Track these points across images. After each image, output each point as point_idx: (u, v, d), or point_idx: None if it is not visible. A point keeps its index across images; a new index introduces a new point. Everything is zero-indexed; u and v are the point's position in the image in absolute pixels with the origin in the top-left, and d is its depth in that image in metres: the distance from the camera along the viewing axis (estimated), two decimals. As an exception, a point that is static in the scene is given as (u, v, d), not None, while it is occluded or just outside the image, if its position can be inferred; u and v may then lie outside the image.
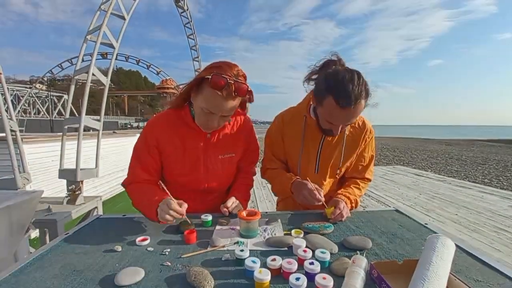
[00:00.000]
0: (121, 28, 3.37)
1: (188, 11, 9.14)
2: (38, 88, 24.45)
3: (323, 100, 0.89)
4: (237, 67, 0.89)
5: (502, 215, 3.56)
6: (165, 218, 0.81)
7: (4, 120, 2.26)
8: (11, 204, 1.16)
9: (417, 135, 42.45)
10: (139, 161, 1.01)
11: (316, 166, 1.12)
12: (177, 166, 1.01)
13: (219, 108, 0.86)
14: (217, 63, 0.88)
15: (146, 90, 72.52)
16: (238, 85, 0.84)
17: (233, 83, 0.82)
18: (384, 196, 4.59)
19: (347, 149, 1.09)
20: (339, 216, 0.94)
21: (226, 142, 1.05)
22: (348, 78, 0.84)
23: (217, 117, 0.90)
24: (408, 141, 24.03)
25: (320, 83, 0.92)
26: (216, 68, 0.85)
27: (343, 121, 0.91)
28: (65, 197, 2.62)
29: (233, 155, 1.08)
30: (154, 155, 1.00)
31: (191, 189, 1.06)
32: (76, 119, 2.90)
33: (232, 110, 0.91)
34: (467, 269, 0.66)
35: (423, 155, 13.26)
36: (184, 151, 1.00)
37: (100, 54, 8.33)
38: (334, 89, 0.85)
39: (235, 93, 0.84)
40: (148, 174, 1.01)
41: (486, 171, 8.62)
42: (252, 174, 1.21)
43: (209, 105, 0.86)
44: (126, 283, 0.59)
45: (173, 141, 0.99)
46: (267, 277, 0.57)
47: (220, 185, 1.09)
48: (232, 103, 0.87)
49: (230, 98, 0.85)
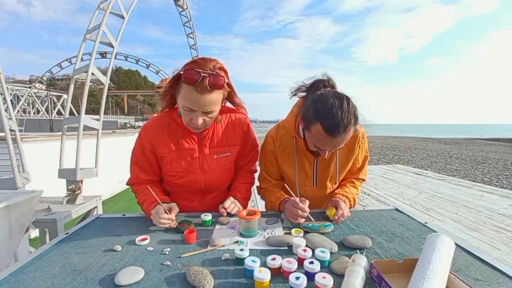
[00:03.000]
0: (120, 27, 3.36)
1: (187, 10, 9.12)
2: (37, 87, 24.40)
3: (310, 125, 0.87)
4: (214, 61, 0.87)
5: (502, 214, 3.57)
6: (158, 226, 0.88)
7: (3, 120, 2.25)
8: (10, 204, 1.16)
9: (417, 134, 42.48)
10: (137, 164, 1.04)
11: (314, 181, 1.12)
12: (173, 168, 1.02)
13: (197, 103, 0.84)
14: (194, 59, 0.88)
15: (145, 90, 72.41)
16: (213, 77, 0.82)
17: (207, 76, 0.81)
18: (384, 195, 4.59)
19: (342, 160, 1.10)
20: (341, 217, 0.94)
21: (220, 141, 1.05)
22: (337, 106, 0.81)
23: (199, 114, 0.87)
24: (407, 140, 24.05)
25: (308, 108, 0.88)
26: (191, 64, 0.85)
27: (331, 147, 0.89)
28: (65, 196, 2.62)
29: (229, 154, 1.07)
30: (150, 159, 1.03)
31: (189, 190, 1.07)
32: (75, 118, 2.89)
33: (214, 105, 0.88)
34: (466, 267, 0.66)
35: (422, 154, 13.27)
36: (179, 152, 1.01)
37: (99, 54, 8.32)
38: (323, 117, 0.82)
39: (210, 86, 0.82)
40: (147, 175, 1.04)
41: (486, 170, 8.63)
42: (252, 172, 1.21)
43: (187, 102, 0.85)
44: (126, 282, 0.59)
45: (167, 144, 1.00)
46: (267, 277, 0.57)
47: (218, 185, 1.09)
48: (210, 97, 0.84)
49: (206, 92, 0.83)
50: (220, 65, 0.88)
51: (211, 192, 1.10)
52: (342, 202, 0.99)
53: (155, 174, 1.06)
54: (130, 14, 3.45)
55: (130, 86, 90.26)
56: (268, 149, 1.13)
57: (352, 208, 1.09)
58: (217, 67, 0.86)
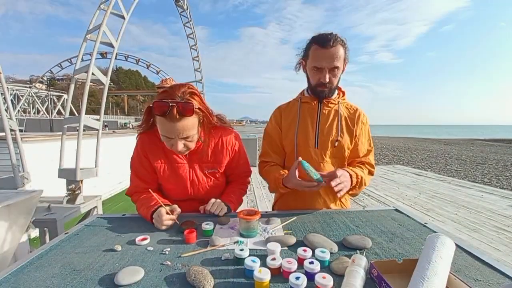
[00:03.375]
0: (121, 27, 3.36)
1: (188, 10, 9.13)
2: (37, 87, 24.41)
3: (308, 51, 1.08)
4: (184, 87, 0.90)
5: (502, 215, 3.57)
6: (162, 228, 0.88)
7: (4, 120, 2.25)
8: (10, 204, 1.16)
9: (417, 134, 42.49)
10: (135, 173, 1.07)
11: (315, 142, 1.14)
12: (164, 177, 1.05)
13: (172, 131, 0.88)
14: (165, 88, 0.91)
15: (145, 90, 72.45)
16: (182, 106, 0.85)
17: (175, 105, 0.83)
18: (384, 195, 4.59)
19: (343, 124, 1.14)
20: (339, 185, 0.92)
21: (208, 158, 1.08)
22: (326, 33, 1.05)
23: (178, 140, 0.90)
24: (407, 141, 24.05)
25: (305, 46, 1.11)
26: (161, 94, 0.89)
27: (327, 60, 1.03)
28: (65, 196, 2.61)
29: (216, 170, 1.10)
30: (147, 167, 1.05)
31: (180, 199, 1.09)
32: (75, 118, 2.89)
33: (189, 130, 0.90)
34: (466, 268, 0.66)
35: (422, 154, 13.27)
36: (170, 165, 1.04)
37: (99, 54, 8.32)
38: (315, 37, 1.06)
39: (180, 114, 0.85)
40: (146, 183, 1.06)
41: (486, 171, 8.62)
42: (245, 183, 1.23)
43: (163, 131, 0.90)
44: (126, 282, 0.59)
45: (159, 156, 1.04)
46: (267, 277, 0.57)
47: (208, 196, 1.09)
48: (182, 124, 0.87)
49: (176, 120, 0.85)
50: (191, 90, 0.91)
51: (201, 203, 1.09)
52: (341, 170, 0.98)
53: (153, 182, 1.08)
54: (130, 14, 3.45)
55: (130, 86, 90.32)
56: (273, 119, 1.25)
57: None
58: (186, 93, 0.88)
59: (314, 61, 1.06)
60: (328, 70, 1.05)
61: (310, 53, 1.07)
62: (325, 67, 1.04)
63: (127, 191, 1.11)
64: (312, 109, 1.16)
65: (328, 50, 1.02)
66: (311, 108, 1.16)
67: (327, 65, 1.04)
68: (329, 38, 1.02)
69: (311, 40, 1.08)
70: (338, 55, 1.03)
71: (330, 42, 1.01)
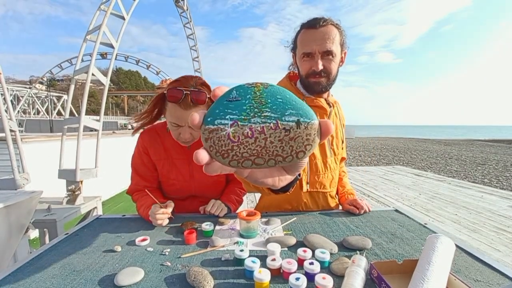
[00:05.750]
0: (121, 28, 3.37)
1: (188, 11, 9.15)
2: (37, 88, 24.41)
3: (297, 37, 0.96)
4: (196, 78, 0.93)
5: (502, 215, 3.57)
6: (157, 224, 0.88)
7: (3, 120, 2.25)
8: (10, 204, 1.16)
9: (417, 135, 42.54)
10: (136, 172, 1.08)
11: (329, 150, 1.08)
12: (164, 174, 1.06)
13: (183, 119, 0.90)
14: (177, 78, 0.94)
15: (145, 90, 72.48)
16: (195, 94, 0.87)
17: (189, 94, 0.86)
18: (383, 196, 4.59)
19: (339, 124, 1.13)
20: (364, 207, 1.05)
21: None
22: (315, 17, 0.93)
23: (186, 129, 0.92)
24: (407, 141, 24.06)
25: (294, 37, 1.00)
26: (173, 83, 0.91)
27: (317, 42, 0.89)
28: (65, 197, 2.61)
29: None
30: (148, 164, 1.06)
31: (180, 196, 1.10)
32: (75, 119, 2.89)
33: None
34: (466, 269, 0.67)
35: (422, 155, 13.27)
36: (171, 161, 1.05)
37: (99, 54, 8.33)
38: (304, 23, 0.94)
39: (193, 102, 0.87)
40: (146, 181, 1.07)
41: (486, 171, 8.62)
42: None
43: (173, 119, 0.91)
44: (125, 283, 0.59)
45: (160, 153, 1.05)
46: (267, 277, 0.57)
47: (209, 193, 1.11)
48: None
49: (190, 108, 0.88)
50: (202, 81, 0.94)
51: (202, 200, 1.10)
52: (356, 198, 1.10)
53: (154, 180, 1.09)
54: (130, 15, 3.46)
55: (130, 86, 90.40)
56: None
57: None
58: (198, 84, 0.91)
59: (302, 46, 0.91)
60: (321, 55, 0.89)
61: (299, 38, 0.94)
62: (315, 51, 0.89)
63: (128, 190, 1.11)
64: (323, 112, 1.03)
65: (317, 29, 0.88)
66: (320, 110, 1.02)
67: (318, 47, 0.88)
68: (318, 18, 0.90)
69: (300, 26, 0.95)
70: (331, 36, 0.88)
71: (319, 22, 0.89)
